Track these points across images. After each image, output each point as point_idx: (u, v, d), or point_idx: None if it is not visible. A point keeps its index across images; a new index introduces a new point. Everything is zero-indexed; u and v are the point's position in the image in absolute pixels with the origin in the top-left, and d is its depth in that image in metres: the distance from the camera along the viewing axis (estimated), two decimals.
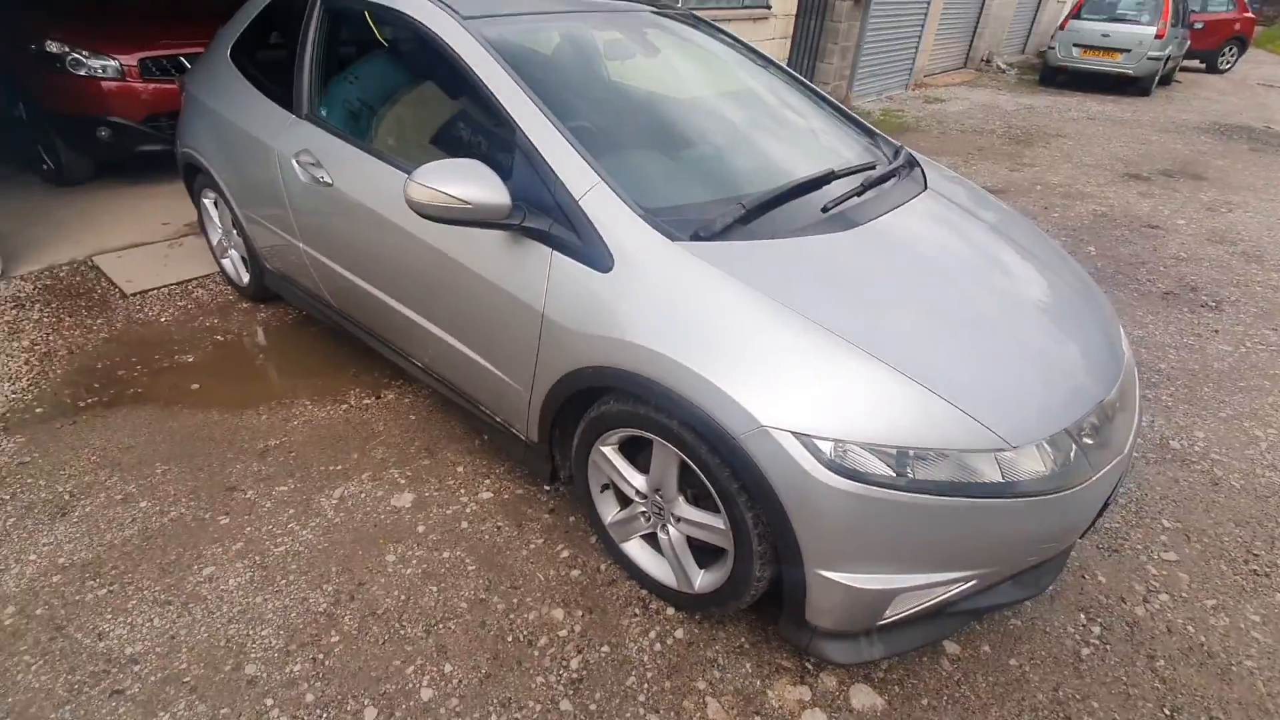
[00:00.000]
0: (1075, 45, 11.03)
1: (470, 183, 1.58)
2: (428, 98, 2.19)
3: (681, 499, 1.67)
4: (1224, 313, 3.71)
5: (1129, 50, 10.52)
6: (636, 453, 1.76)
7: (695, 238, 1.58)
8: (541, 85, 1.81)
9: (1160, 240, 4.75)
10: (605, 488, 1.90)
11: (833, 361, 1.41)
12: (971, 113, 9.05)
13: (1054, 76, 11.65)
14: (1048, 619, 1.87)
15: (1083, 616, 1.88)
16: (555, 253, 1.67)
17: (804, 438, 1.35)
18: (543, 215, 1.67)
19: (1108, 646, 1.80)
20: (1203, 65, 14.61)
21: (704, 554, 1.74)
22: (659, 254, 1.55)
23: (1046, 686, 1.69)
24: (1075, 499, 1.45)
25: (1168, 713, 1.64)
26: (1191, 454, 2.57)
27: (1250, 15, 14.60)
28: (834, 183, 1.94)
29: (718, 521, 1.58)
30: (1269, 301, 3.86)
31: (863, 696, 1.64)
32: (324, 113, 2.34)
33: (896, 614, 1.52)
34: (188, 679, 1.60)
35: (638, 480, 1.75)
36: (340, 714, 1.55)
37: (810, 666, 1.70)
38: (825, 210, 1.81)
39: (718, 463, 1.47)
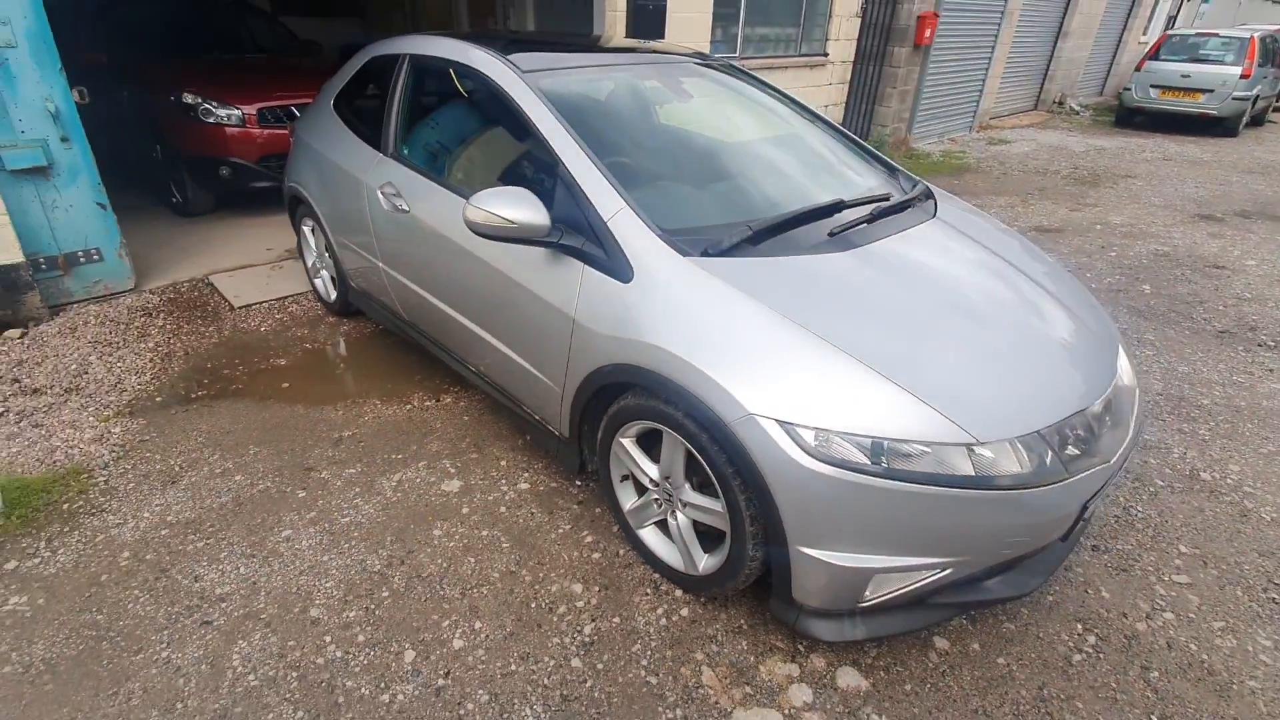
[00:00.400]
0: (1153, 86, 10.77)
1: (517, 206, 1.88)
2: (490, 138, 2.54)
3: (688, 486, 1.87)
4: None
5: (1212, 90, 10.18)
6: (651, 446, 1.97)
7: (705, 254, 1.82)
8: (583, 126, 2.12)
9: (1225, 280, 4.62)
10: (625, 478, 2.11)
11: (817, 361, 1.60)
12: (1037, 154, 8.96)
13: (1131, 118, 11.38)
14: (1043, 625, 1.93)
15: (1079, 626, 1.93)
16: (586, 266, 1.94)
17: (787, 425, 1.54)
18: (577, 235, 1.95)
19: (1101, 655, 1.85)
20: None
21: (708, 540, 1.92)
22: (671, 267, 1.79)
23: (1032, 685, 1.76)
24: (1044, 497, 1.57)
25: (1154, 719, 1.68)
26: (1223, 486, 2.54)
27: None
28: (845, 211, 2.15)
29: (717, 505, 1.76)
30: None
31: (848, 677, 1.76)
32: (405, 151, 2.74)
33: (877, 597, 1.65)
34: (264, 616, 1.90)
35: (651, 469, 1.96)
36: (385, 653, 1.80)
37: (802, 648, 1.84)
38: (831, 234, 2.01)
39: (715, 449, 1.67)
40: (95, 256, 3.71)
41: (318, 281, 3.80)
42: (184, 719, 1.62)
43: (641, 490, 2.06)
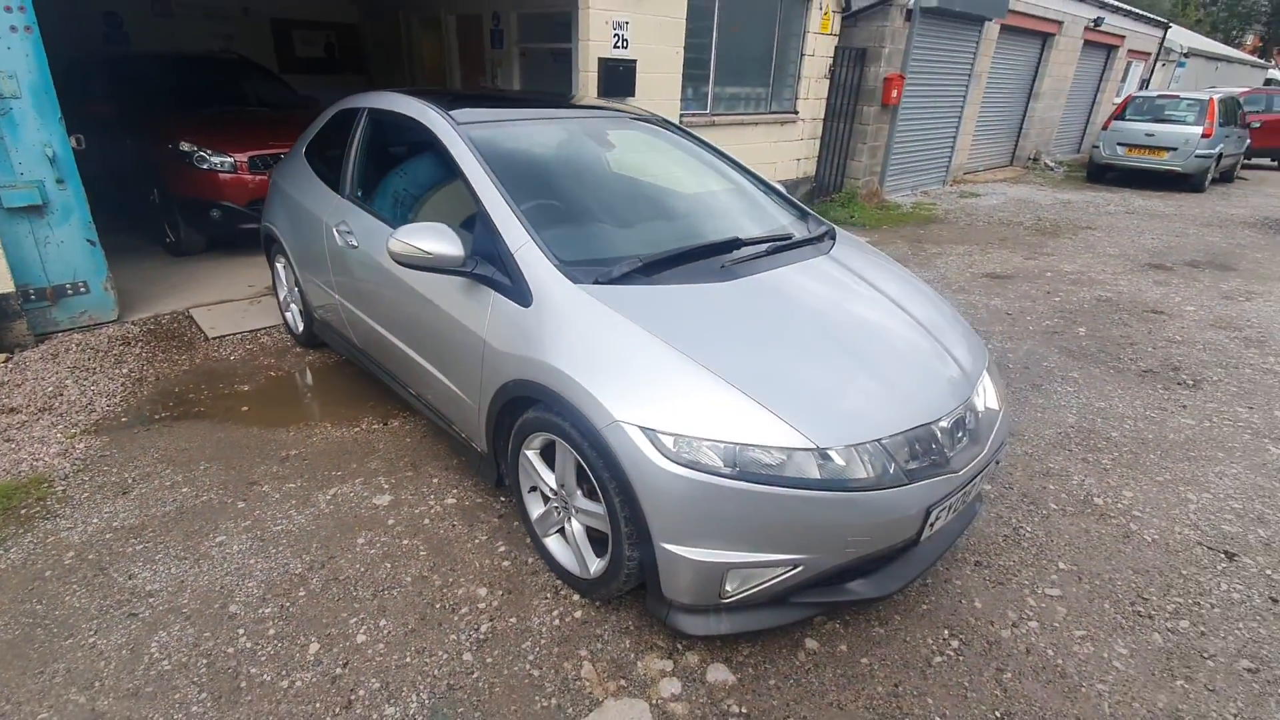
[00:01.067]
0: (1120, 144, 11.23)
1: (433, 239, 2.12)
2: (428, 180, 2.81)
3: (580, 493, 2.04)
4: (1200, 391, 3.76)
5: (1176, 149, 10.61)
6: (553, 458, 2.15)
7: (596, 282, 2.04)
8: (504, 171, 2.37)
9: (1160, 324, 4.82)
10: (533, 489, 2.28)
11: (679, 375, 1.79)
12: (1004, 206, 9.32)
13: (1102, 174, 11.81)
14: (911, 630, 2.06)
15: (946, 632, 2.06)
16: (495, 293, 2.16)
17: (649, 432, 1.72)
18: (489, 265, 2.18)
19: (960, 658, 1.97)
20: (1275, 164, 14.35)
21: (600, 545, 2.07)
22: (564, 293, 2.01)
23: (889, 683, 1.88)
24: (883, 500, 1.73)
25: (998, 715, 1.79)
26: (1113, 510, 2.68)
27: None
28: (744, 249, 2.38)
29: (599, 508, 1.93)
30: (1253, 383, 3.88)
31: (718, 672, 1.89)
32: (359, 193, 3.01)
33: (740, 593, 1.80)
34: (186, 610, 2.05)
35: (550, 479, 2.13)
36: (291, 645, 1.94)
37: (680, 647, 1.97)
38: (722, 267, 2.24)
39: (594, 455, 1.85)
40: (82, 289, 3.97)
41: (288, 315, 4.05)
42: (99, 695, 1.76)
43: (546, 500, 2.22)
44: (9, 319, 3.61)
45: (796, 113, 8.21)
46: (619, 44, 5.97)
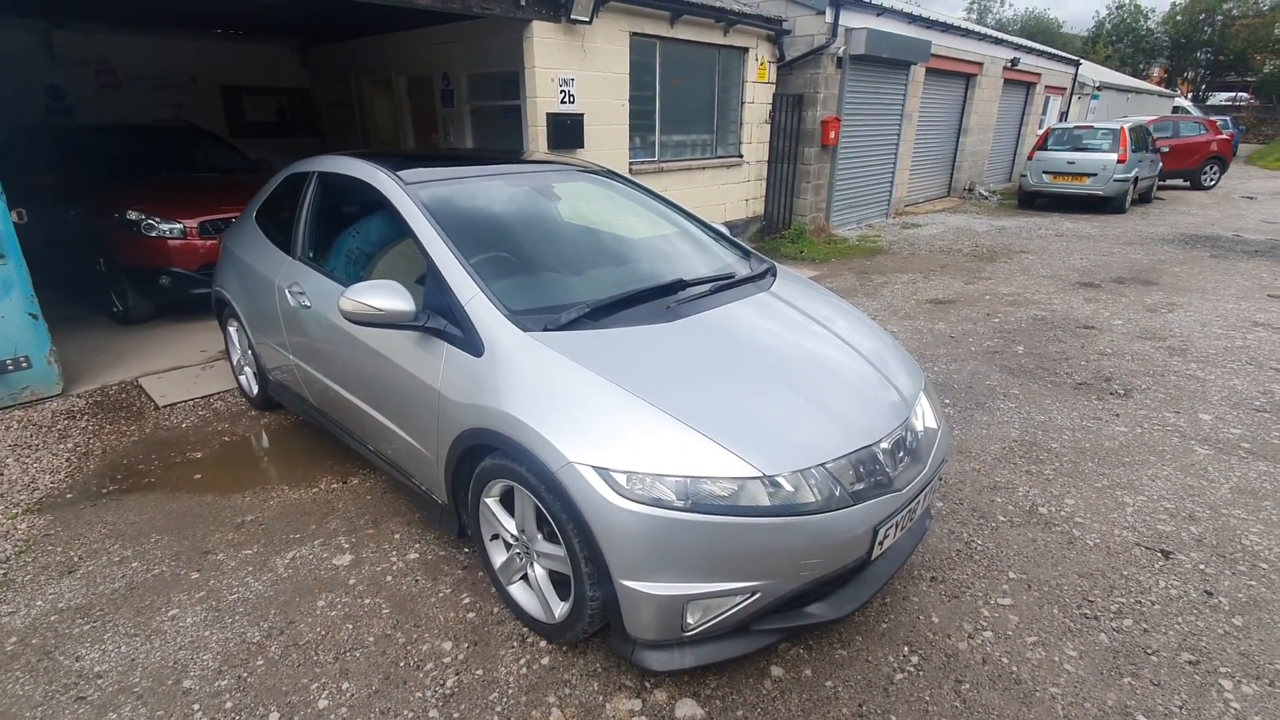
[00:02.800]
0: (1045, 172, 11.95)
1: (383, 296, 2.17)
2: (379, 239, 2.87)
3: (540, 536, 2.06)
4: (1131, 399, 3.98)
5: (1096, 174, 11.34)
6: (513, 505, 2.17)
7: (545, 329, 2.11)
8: (452, 227, 2.45)
9: (1092, 339, 5.10)
10: (494, 537, 2.29)
11: (628, 414, 1.86)
12: (944, 235, 9.78)
13: (1032, 200, 12.51)
14: (873, 650, 2.11)
15: (906, 649, 2.11)
16: (448, 345, 2.21)
17: (602, 471, 1.77)
18: (441, 318, 2.24)
19: (921, 673, 2.02)
20: (1187, 184, 15.39)
21: (564, 589, 2.08)
22: (514, 341, 2.07)
23: (853, 704, 1.91)
24: (831, 523, 1.81)
25: None
26: (1056, 518, 2.81)
27: (1225, 136, 15.50)
28: (688, 289, 2.49)
29: (560, 551, 1.95)
30: (1179, 389, 4.12)
31: (686, 708, 1.90)
32: (310, 254, 3.05)
33: (701, 625, 1.83)
34: (137, 689, 1.98)
35: (510, 525, 2.15)
36: (250, 716, 1.89)
37: (648, 685, 1.98)
38: (668, 308, 2.33)
39: (551, 497, 1.88)
40: (24, 364, 3.87)
41: (242, 378, 4.00)
42: None
43: (508, 546, 2.23)
44: None
45: (741, 156, 8.57)
46: (565, 99, 6.20)
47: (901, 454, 2.06)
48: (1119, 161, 11.08)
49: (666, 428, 1.83)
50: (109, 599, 2.37)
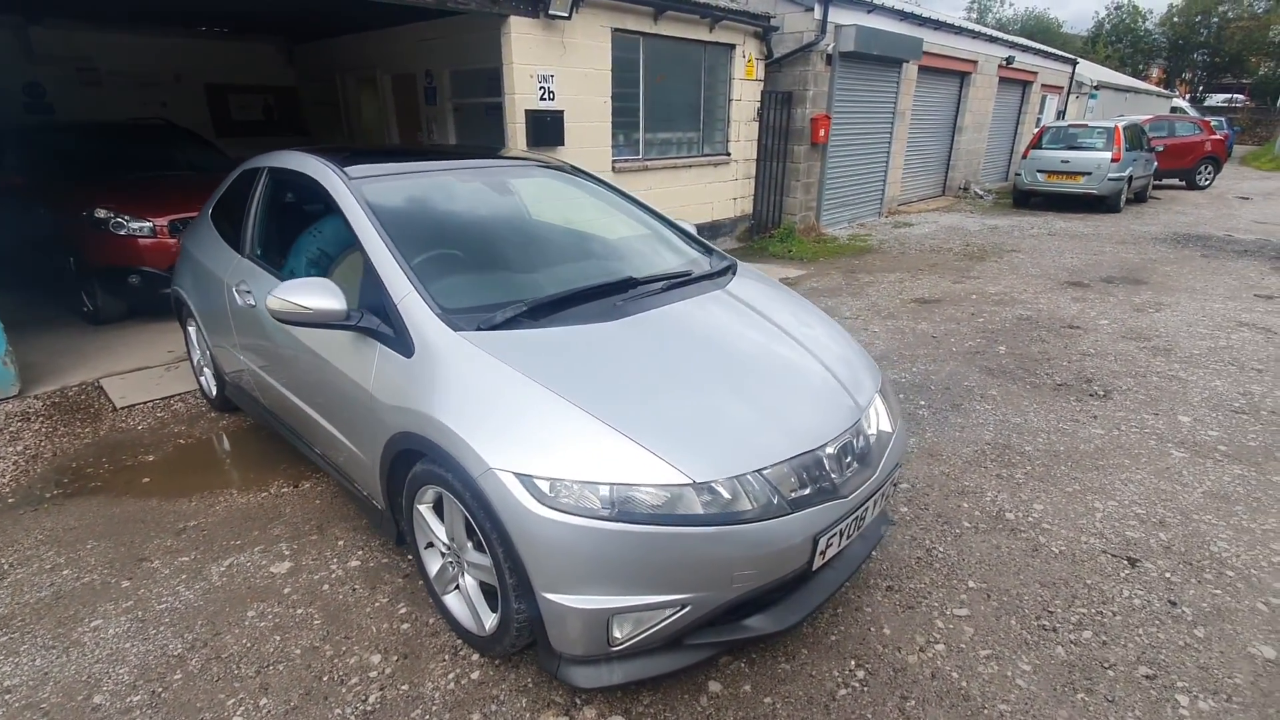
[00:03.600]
0: (1039, 171, 11.85)
1: (313, 294, 2.08)
2: (322, 235, 2.78)
3: (470, 545, 1.97)
4: (1111, 400, 3.89)
5: (1090, 173, 11.24)
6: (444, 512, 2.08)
7: (478, 328, 2.02)
8: (393, 223, 2.36)
9: (1076, 338, 5.00)
10: (429, 545, 2.20)
11: (555, 417, 1.77)
12: (935, 234, 9.68)
13: (1027, 199, 12.41)
14: (817, 664, 2.02)
15: (853, 662, 2.02)
16: (381, 345, 2.12)
17: (524, 477, 1.68)
18: (374, 317, 2.15)
19: (865, 689, 1.93)
20: (1182, 183, 15.28)
21: (494, 600, 1.99)
22: (444, 341, 1.98)
23: None
24: (765, 531, 1.71)
25: None
26: (1023, 524, 2.71)
27: (1219, 136, 15.41)
28: (640, 287, 2.40)
29: (487, 560, 1.86)
30: (1160, 390, 4.03)
31: None
32: (258, 251, 2.97)
33: (630, 640, 1.74)
34: (45, 705, 1.90)
35: (441, 532, 2.06)
36: None
37: (578, 701, 1.89)
38: (613, 306, 2.24)
39: (475, 505, 1.79)
40: None
41: (202, 379, 3.92)
42: None
43: (443, 555, 2.14)
44: None
45: (729, 154, 8.48)
46: (545, 96, 6.11)
47: (849, 459, 1.97)
48: (1113, 160, 10.98)
49: (594, 433, 1.74)
50: (32, 609, 2.29)
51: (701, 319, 2.32)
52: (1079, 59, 19.68)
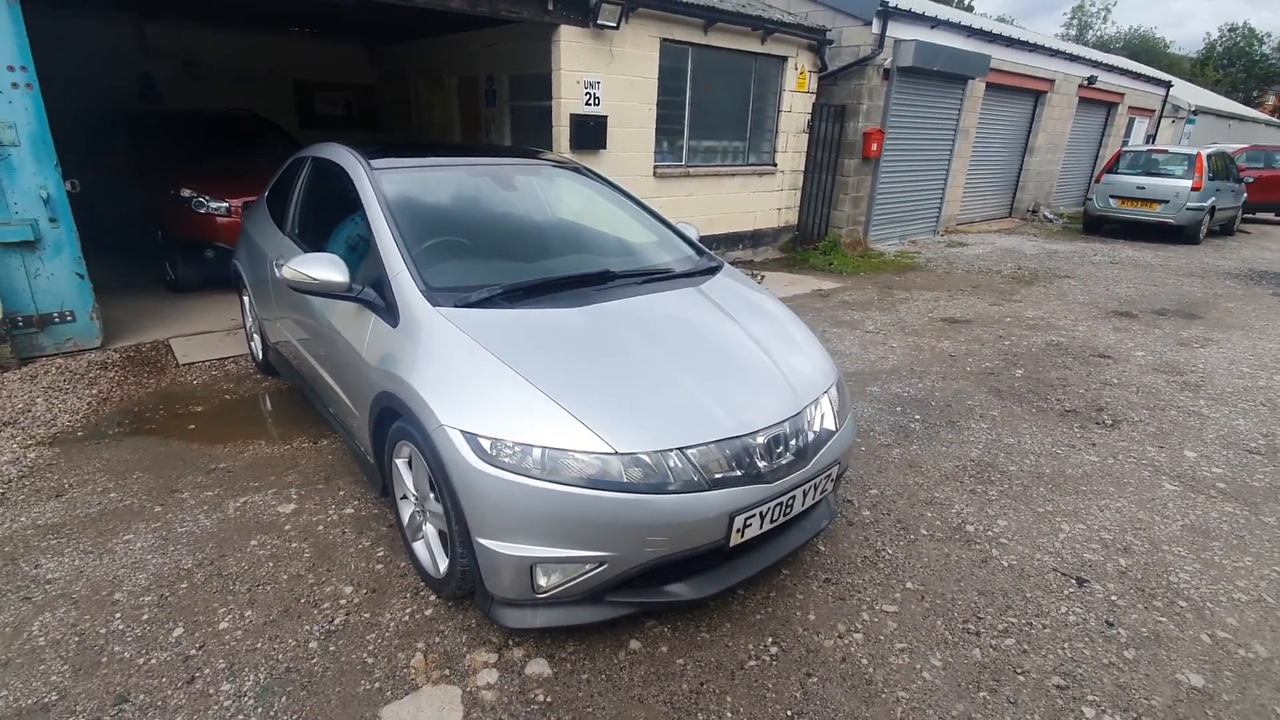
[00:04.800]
0: (1112, 196, 11.32)
1: (319, 267, 2.39)
2: (345, 215, 3.11)
3: (432, 496, 2.22)
4: (1116, 430, 3.80)
5: (1167, 201, 10.67)
6: None
7: (455, 305, 2.27)
8: (402, 208, 2.66)
9: (1102, 367, 4.86)
10: (404, 496, 2.46)
11: (505, 387, 2.00)
12: (988, 256, 9.44)
13: (1098, 226, 11.88)
14: (736, 637, 2.16)
15: (770, 640, 2.15)
16: (375, 315, 2.41)
17: (470, 436, 1.92)
18: (372, 290, 2.44)
19: (775, 663, 2.06)
20: (1278, 217, 14.21)
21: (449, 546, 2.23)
22: (424, 314, 2.25)
23: (695, 682, 1.98)
24: (678, 504, 1.88)
25: (790, 714, 1.88)
26: (980, 537, 2.75)
27: None
28: (616, 279, 2.61)
29: (440, 508, 2.11)
30: (1174, 424, 3.90)
31: (537, 666, 2.01)
32: (297, 231, 3.34)
33: (554, 589, 1.94)
34: (75, 596, 2.26)
35: (411, 484, 2.32)
36: (159, 629, 2.13)
37: (510, 643, 2.10)
38: (582, 294, 2.46)
39: (431, 458, 2.04)
40: (69, 318, 4.36)
41: (252, 344, 4.37)
42: None
43: (413, 505, 2.41)
44: None
45: (775, 165, 8.55)
46: (590, 101, 6.40)
47: (780, 449, 2.11)
48: (1193, 189, 10.38)
49: (535, 402, 1.95)
50: (80, 521, 2.69)
51: (664, 311, 2.50)
52: (1177, 81, 18.58)
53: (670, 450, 1.92)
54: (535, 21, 5.92)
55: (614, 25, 6.14)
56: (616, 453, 1.87)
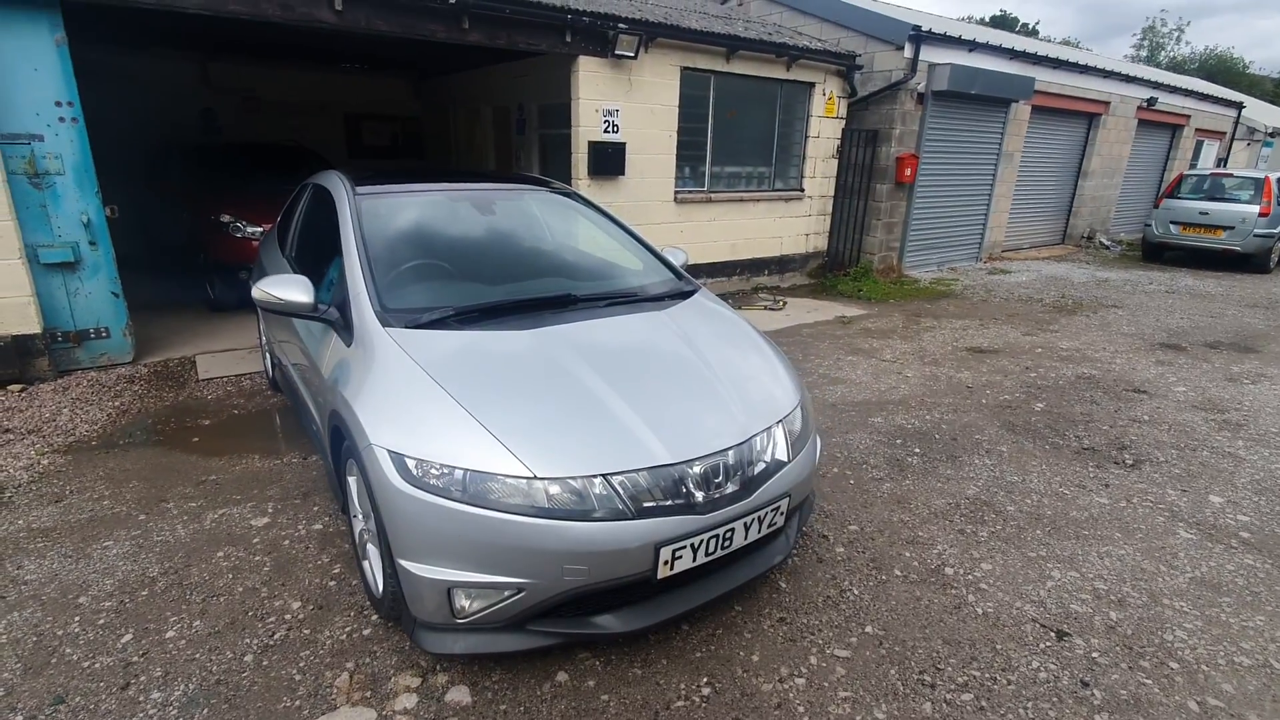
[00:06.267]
0: (1173, 222, 10.70)
1: (285, 288, 2.47)
2: (331, 237, 3.22)
3: (374, 515, 2.23)
4: (1137, 471, 3.52)
5: (1233, 227, 10.01)
6: None
7: (404, 326, 2.31)
8: (374, 232, 2.74)
9: (1134, 404, 4.54)
10: (357, 515, 2.49)
11: (434, 407, 2.00)
12: (1031, 284, 9.03)
13: (1158, 253, 11.23)
14: (670, 674, 2.07)
15: (704, 679, 2.05)
16: (335, 334, 2.47)
17: (396, 456, 1.92)
18: (334, 311, 2.51)
19: (704, 705, 1.96)
20: None
21: None
22: (373, 334, 2.29)
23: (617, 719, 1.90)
24: (598, 531, 1.84)
25: None
26: (958, 581, 2.57)
27: None
28: (577, 303, 2.61)
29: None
30: (1204, 465, 3.59)
31: (458, 694, 1.98)
32: (293, 253, 3.48)
33: (474, 615, 1.91)
34: (44, 598, 2.37)
35: (355, 500, 2.35)
36: (110, 634, 2.20)
37: (437, 668, 2.07)
38: (535, 317, 2.46)
39: (363, 475, 2.06)
40: (104, 334, 4.65)
41: (266, 362, 4.56)
42: None
43: (362, 523, 2.43)
44: (33, 355, 4.29)
45: (803, 190, 8.46)
46: (609, 129, 6.49)
47: (719, 479, 2.04)
48: (1261, 215, 9.71)
49: (461, 423, 1.95)
50: (70, 525, 2.83)
51: (618, 335, 2.48)
52: (1251, 101, 17.53)
53: (595, 476, 1.88)
54: (554, 53, 6.08)
55: (632, 55, 6.24)
56: (537, 477, 1.85)
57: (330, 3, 4.80)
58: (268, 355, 4.42)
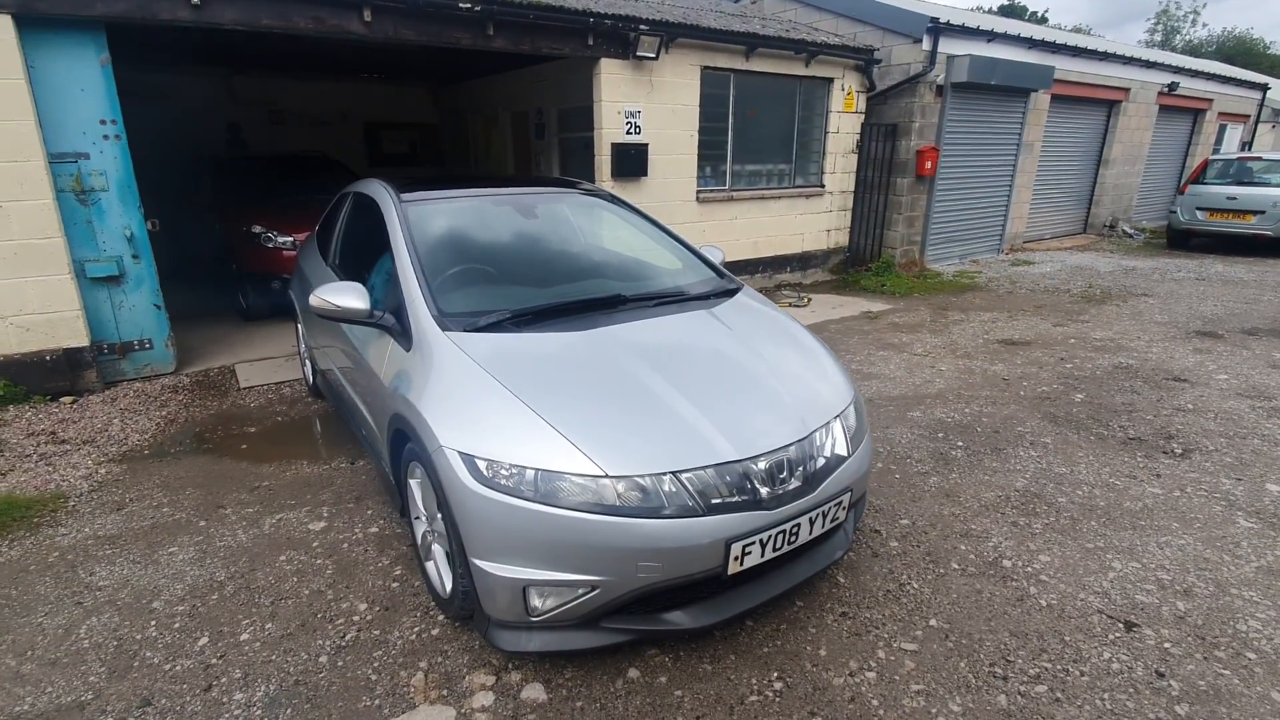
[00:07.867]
0: (1199, 209, 10.54)
1: (343, 295, 2.51)
2: (377, 245, 3.26)
3: (440, 516, 2.26)
4: (1187, 460, 3.48)
5: (1263, 211, 9.84)
6: None
7: (464, 330, 2.34)
8: (422, 237, 2.78)
9: (1175, 392, 4.49)
10: (418, 517, 2.52)
11: (501, 408, 2.03)
12: (1056, 274, 8.94)
13: (1185, 240, 11.08)
14: (740, 670, 2.08)
15: (775, 674, 2.06)
16: (393, 340, 2.51)
17: (467, 457, 1.95)
18: (390, 317, 2.55)
19: (778, 699, 1.97)
20: None
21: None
22: (433, 338, 2.32)
23: (690, 715, 1.91)
24: (670, 529, 1.85)
25: None
26: (1018, 573, 2.56)
27: None
28: (627, 303, 2.64)
29: (444, 528, 2.15)
30: (1256, 454, 3.54)
31: (533, 691, 2.00)
32: (337, 261, 3.53)
33: (548, 612, 1.94)
34: (120, 602, 2.42)
35: (420, 502, 2.38)
36: (187, 637, 2.25)
37: (510, 666, 2.10)
38: (590, 319, 2.49)
39: (433, 478, 2.09)
40: (147, 345, 4.75)
41: (305, 369, 4.62)
42: (26, 661, 2.14)
43: (426, 525, 2.46)
44: (83, 368, 4.38)
45: (823, 186, 8.44)
46: (631, 130, 6.52)
47: (784, 474, 2.05)
48: None
49: (530, 424, 1.98)
50: (135, 533, 2.89)
51: (670, 334, 2.49)
52: (1275, 83, 17.24)
53: (664, 474, 1.90)
54: (577, 57, 6.11)
55: (653, 56, 6.26)
56: (608, 475, 1.87)
57: (360, 14, 4.87)
58: (308, 363, 4.48)
